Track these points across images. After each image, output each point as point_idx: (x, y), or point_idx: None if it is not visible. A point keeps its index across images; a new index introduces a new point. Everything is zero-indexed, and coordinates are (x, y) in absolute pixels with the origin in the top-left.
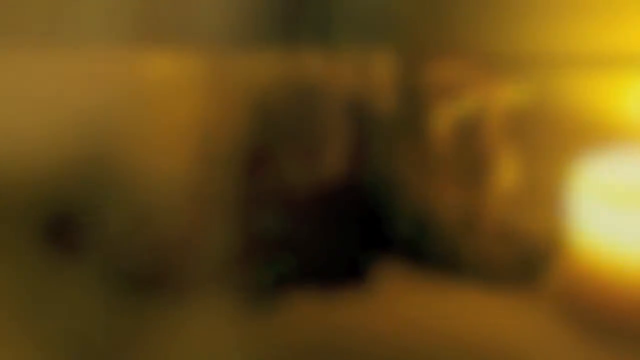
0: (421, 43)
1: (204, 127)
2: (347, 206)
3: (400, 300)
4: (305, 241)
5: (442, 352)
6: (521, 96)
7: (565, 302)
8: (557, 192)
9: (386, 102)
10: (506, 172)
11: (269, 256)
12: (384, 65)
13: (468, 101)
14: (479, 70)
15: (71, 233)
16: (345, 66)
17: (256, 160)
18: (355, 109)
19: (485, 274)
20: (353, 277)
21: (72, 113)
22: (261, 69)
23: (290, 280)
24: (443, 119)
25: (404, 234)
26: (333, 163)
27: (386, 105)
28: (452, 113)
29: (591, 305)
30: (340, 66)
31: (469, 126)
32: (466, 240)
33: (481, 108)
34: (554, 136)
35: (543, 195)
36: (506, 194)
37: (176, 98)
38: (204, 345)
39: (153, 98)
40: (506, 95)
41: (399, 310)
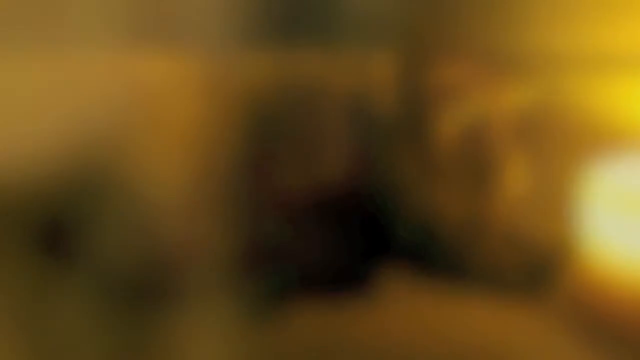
0: (425, 43)
1: (203, 131)
2: (350, 211)
3: (404, 307)
4: (307, 247)
5: None
6: (529, 98)
7: (574, 311)
8: (566, 198)
9: (389, 105)
10: (514, 177)
11: (271, 263)
12: (387, 66)
13: (474, 103)
14: (485, 71)
15: (65, 242)
16: (346, 68)
17: (256, 165)
18: (357, 112)
19: (492, 281)
20: (356, 284)
21: (67, 117)
22: (260, 71)
23: (292, 287)
24: (448, 122)
25: (409, 240)
26: (335, 167)
27: (389, 107)
28: (458, 115)
29: (601, 313)
30: (341, 67)
31: (475, 129)
32: (472, 246)
33: (487, 110)
34: (564, 140)
35: (552, 201)
36: (514, 200)
37: (174, 101)
38: (205, 355)
39: (150, 101)
40: (513, 97)
41: (404, 318)
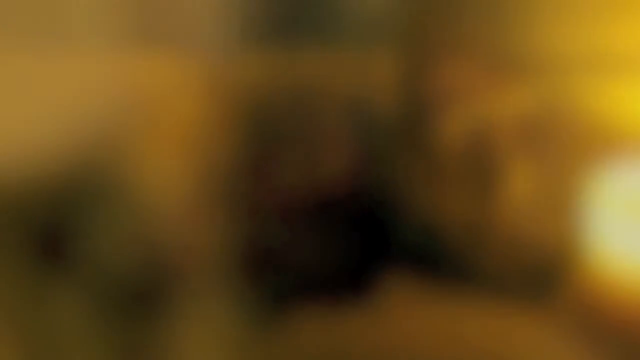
0: (428, 45)
1: (202, 133)
2: (352, 214)
3: (407, 312)
4: (308, 251)
5: None
6: (534, 101)
7: (579, 315)
8: (572, 202)
9: (391, 106)
10: (518, 181)
11: (271, 267)
12: (390, 67)
13: (478, 106)
14: (490, 73)
15: (63, 244)
16: (348, 69)
17: (256, 167)
18: (358, 113)
19: (496, 286)
20: (358, 288)
21: (66, 119)
22: (260, 72)
23: (293, 292)
24: (452, 124)
25: (412, 244)
26: (336, 169)
27: (391, 109)
28: (462, 118)
29: (606, 318)
30: (342, 69)
31: (479, 132)
32: (476, 251)
33: (492, 113)
34: (569, 143)
35: (557, 205)
36: (518, 204)
37: (174, 102)
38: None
39: (150, 102)
40: (518, 99)
41: (406, 322)
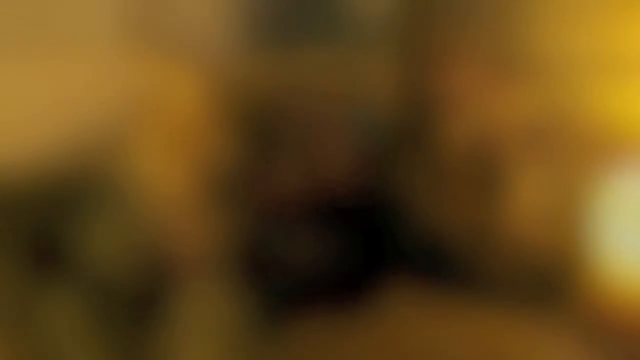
0: (432, 46)
1: (202, 134)
2: (353, 218)
3: (410, 318)
4: (308, 255)
5: None
6: (540, 104)
7: (587, 323)
8: (579, 208)
9: (394, 109)
10: (524, 186)
11: (271, 270)
12: (392, 70)
13: (482, 109)
14: (494, 76)
15: (59, 248)
16: (349, 71)
17: (256, 169)
18: (360, 117)
19: (501, 293)
20: (359, 293)
21: (62, 120)
22: (260, 73)
23: (293, 295)
24: (456, 127)
25: (415, 250)
26: (338, 172)
27: (394, 112)
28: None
29: (613, 326)
30: (344, 71)
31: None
32: (481, 257)
33: (496, 116)
34: (576, 148)
35: (563, 211)
36: (524, 209)
37: (173, 104)
38: None
39: (149, 104)
40: (523, 102)
41: (409, 328)
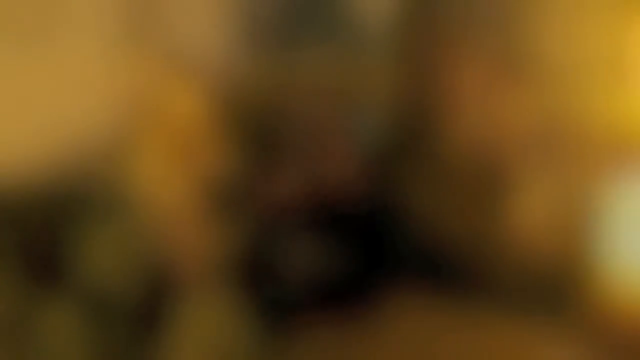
0: (434, 48)
1: (203, 143)
2: (355, 224)
3: (413, 325)
4: (309, 261)
5: None
6: (545, 108)
7: (593, 331)
8: (585, 214)
9: (396, 113)
10: (528, 191)
11: (272, 277)
12: (394, 74)
13: (485, 112)
14: (497, 78)
15: (57, 258)
16: (350, 74)
17: (256, 174)
18: (361, 120)
19: (506, 301)
20: (361, 300)
21: (62, 130)
22: (259, 76)
23: (294, 302)
24: (458, 131)
25: (418, 256)
26: (339, 179)
27: (396, 116)
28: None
29: (621, 334)
30: (344, 74)
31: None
32: (485, 264)
33: (500, 119)
34: (582, 152)
35: (569, 216)
36: (528, 215)
37: (172, 107)
38: None
39: (148, 108)
40: (528, 106)
41: (411, 335)
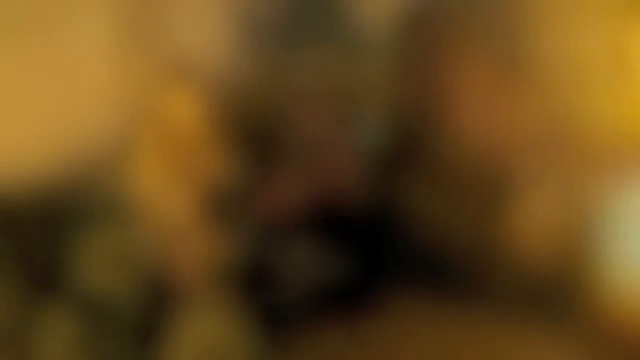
0: (436, 50)
1: (202, 150)
2: (354, 229)
3: (413, 332)
4: (308, 267)
5: None
6: (548, 111)
7: (596, 338)
8: (587, 218)
9: (396, 116)
10: (530, 195)
11: (272, 287)
12: (395, 76)
13: (487, 115)
14: (499, 81)
15: (54, 270)
16: (351, 76)
17: (257, 184)
18: (361, 124)
19: (506, 306)
20: (362, 307)
21: (59, 138)
22: (259, 87)
23: (294, 311)
24: (460, 134)
25: (418, 262)
26: (339, 183)
27: (396, 119)
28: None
29: (623, 340)
30: (345, 76)
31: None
32: (485, 269)
33: (501, 122)
34: (585, 156)
35: (571, 221)
36: (530, 219)
37: (172, 121)
38: None
39: (147, 121)
40: (531, 109)
41: (412, 342)
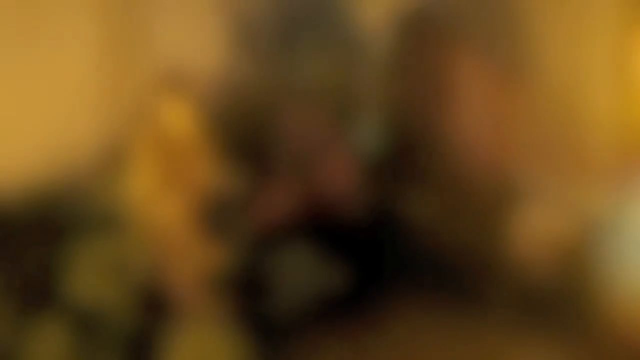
0: (434, 52)
1: (196, 160)
2: (353, 237)
3: (413, 339)
4: (306, 274)
5: None
6: (550, 116)
7: (598, 349)
8: (589, 224)
9: (396, 121)
10: (532, 202)
11: (270, 294)
12: (395, 78)
13: (488, 120)
14: (501, 84)
15: (46, 282)
16: (350, 79)
17: (252, 193)
18: (359, 130)
19: (507, 314)
20: (362, 315)
21: (52, 147)
22: (253, 88)
23: (292, 320)
24: (460, 139)
25: (418, 269)
26: (337, 190)
27: (396, 123)
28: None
29: (625, 351)
30: (345, 78)
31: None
32: (486, 276)
33: (503, 127)
34: (587, 163)
35: (573, 227)
36: (532, 227)
37: (166, 130)
38: None
39: (141, 131)
40: (533, 114)
41: (412, 349)
